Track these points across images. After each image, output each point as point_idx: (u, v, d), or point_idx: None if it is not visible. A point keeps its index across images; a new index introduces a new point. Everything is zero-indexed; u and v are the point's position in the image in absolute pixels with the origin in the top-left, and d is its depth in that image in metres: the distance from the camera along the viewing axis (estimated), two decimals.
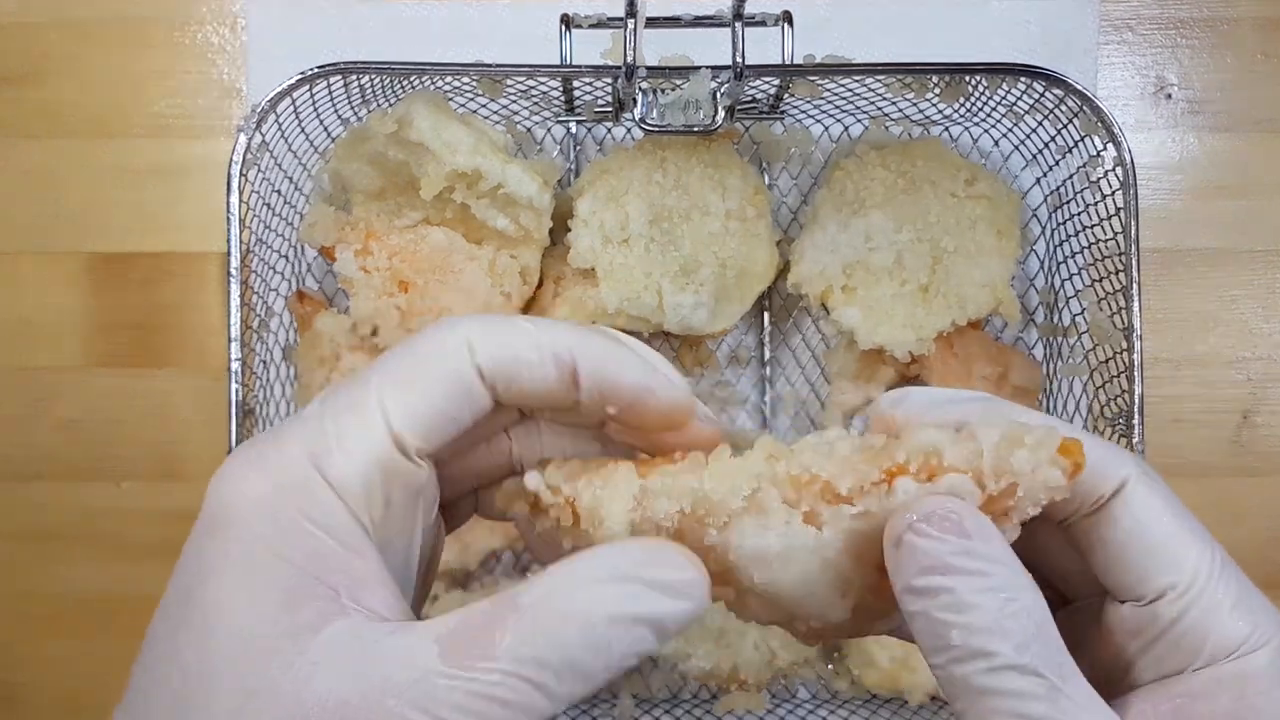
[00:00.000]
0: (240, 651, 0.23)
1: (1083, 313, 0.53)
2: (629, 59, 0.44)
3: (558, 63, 0.47)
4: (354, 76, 0.48)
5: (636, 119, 0.47)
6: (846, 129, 0.57)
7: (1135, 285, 0.48)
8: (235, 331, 0.48)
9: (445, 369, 0.26)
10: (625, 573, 0.24)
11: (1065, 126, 0.51)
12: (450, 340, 0.26)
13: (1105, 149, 0.49)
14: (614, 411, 0.27)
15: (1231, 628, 0.25)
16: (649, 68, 0.46)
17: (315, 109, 0.50)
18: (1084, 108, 0.48)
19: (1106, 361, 0.50)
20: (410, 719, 0.22)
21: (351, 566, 0.24)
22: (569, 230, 0.52)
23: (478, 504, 0.31)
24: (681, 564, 0.25)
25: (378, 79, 0.49)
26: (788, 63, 0.47)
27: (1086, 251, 0.52)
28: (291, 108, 0.49)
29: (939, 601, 0.24)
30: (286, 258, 0.54)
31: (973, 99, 0.52)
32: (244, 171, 0.48)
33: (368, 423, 0.25)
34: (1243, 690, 0.25)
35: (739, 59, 0.45)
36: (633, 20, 0.43)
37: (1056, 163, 0.54)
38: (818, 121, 0.57)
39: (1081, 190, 0.52)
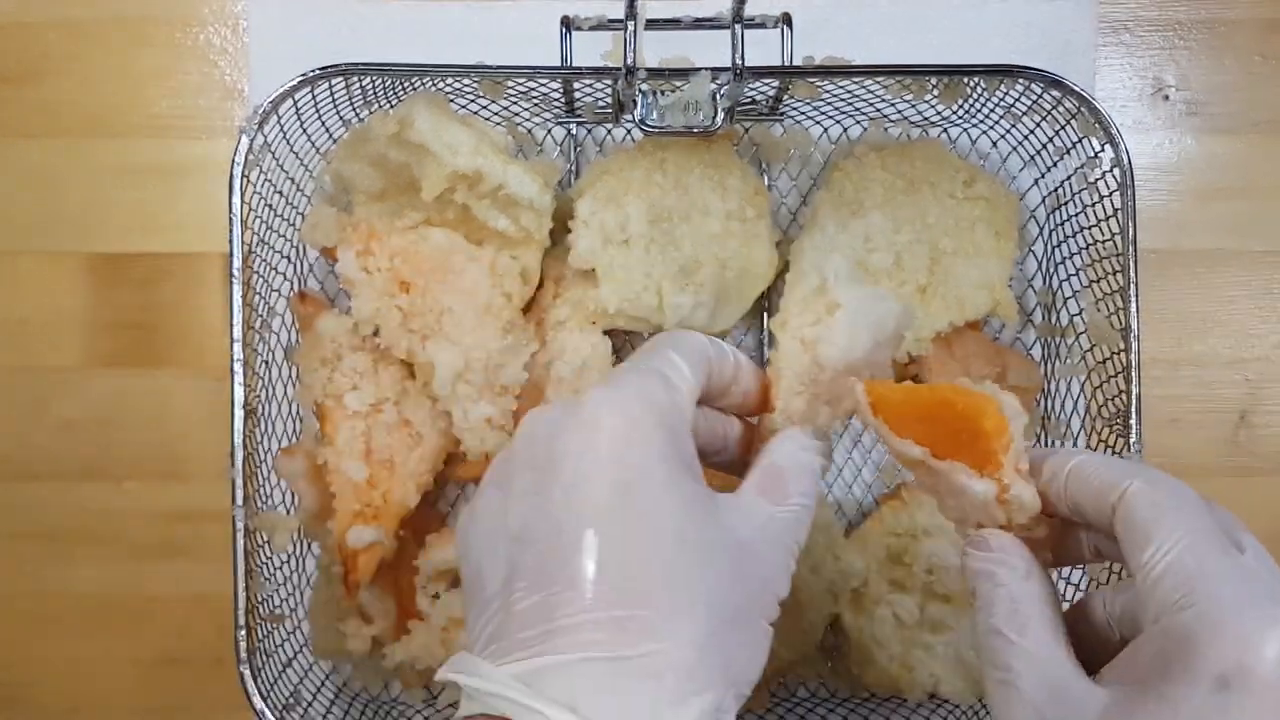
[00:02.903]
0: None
1: (1081, 313, 0.53)
2: (629, 61, 0.44)
3: (558, 64, 0.47)
4: (355, 78, 0.48)
5: (636, 120, 0.48)
6: (845, 130, 0.57)
7: (1133, 286, 0.48)
8: (237, 332, 0.48)
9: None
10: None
11: (1063, 128, 0.51)
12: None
13: (1103, 150, 0.49)
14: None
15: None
16: (649, 69, 0.46)
17: (317, 110, 0.50)
18: (1082, 109, 0.48)
19: (1104, 362, 0.50)
20: (780, 546, 0.35)
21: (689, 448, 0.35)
22: (569, 231, 0.52)
23: None
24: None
25: (379, 80, 0.49)
26: (787, 64, 0.47)
27: (1084, 252, 0.52)
28: (293, 109, 0.49)
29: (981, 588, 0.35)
30: (288, 258, 0.54)
31: (971, 100, 0.52)
32: (246, 172, 0.48)
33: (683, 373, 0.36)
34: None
35: (739, 60, 0.45)
36: (633, 22, 0.43)
37: (1055, 164, 0.54)
38: (817, 123, 0.57)
39: (1079, 191, 0.52)
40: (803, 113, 0.55)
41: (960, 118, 0.55)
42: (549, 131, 0.57)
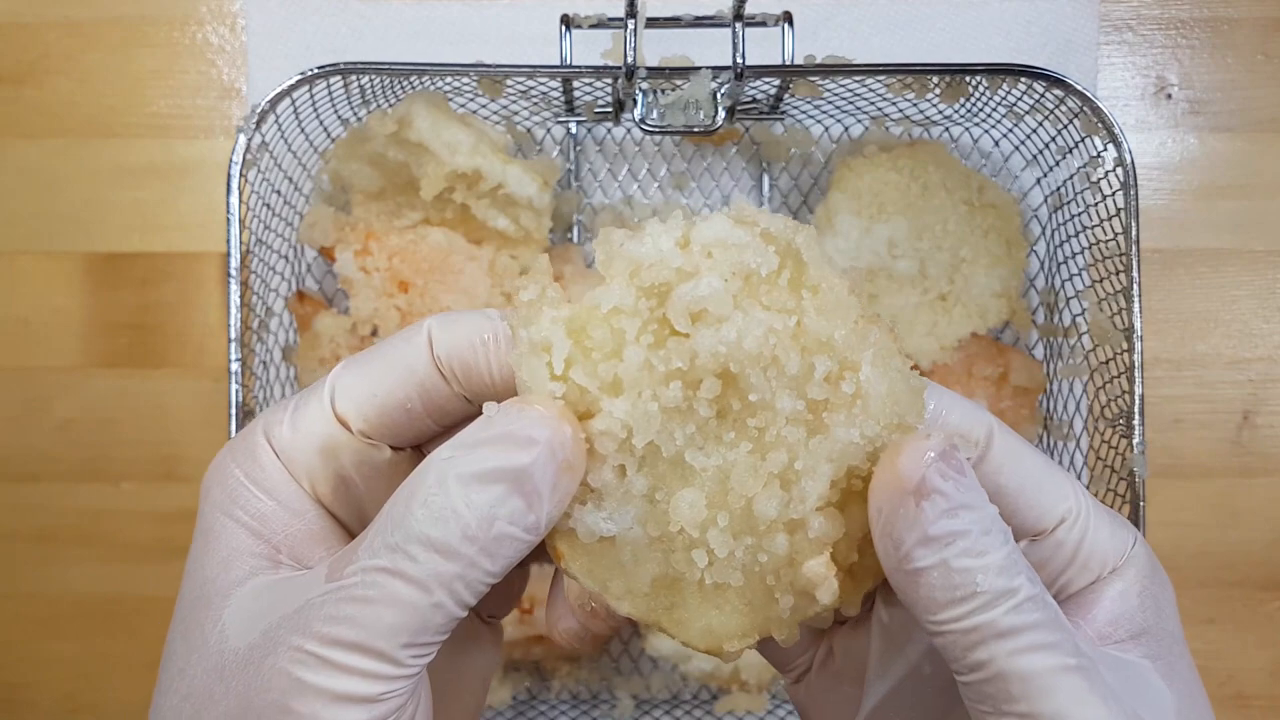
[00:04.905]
0: (188, 611, 0.26)
1: (1083, 313, 0.53)
2: (629, 59, 0.44)
3: (558, 63, 0.47)
4: (354, 77, 0.48)
5: (636, 119, 0.47)
6: (847, 129, 0.57)
7: (1136, 286, 0.48)
8: (235, 332, 0.48)
9: (398, 357, 0.27)
10: (467, 440, 0.24)
11: (1066, 127, 0.51)
12: (412, 332, 0.27)
13: (1106, 149, 0.49)
14: None
15: (1114, 544, 0.27)
16: (649, 68, 0.45)
17: (315, 109, 0.50)
18: (1084, 108, 0.48)
19: (1107, 362, 0.50)
20: (296, 643, 0.23)
21: (291, 526, 0.26)
22: (568, 230, 0.52)
23: None
24: (520, 413, 0.24)
25: (378, 79, 0.49)
26: (788, 63, 0.47)
27: (1087, 252, 0.52)
28: (291, 108, 0.49)
29: (957, 548, 0.23)
30: (286, 258, 0.54)
31: (973, 99, 0.52)
32: (244, 172, 0.48)
33: (316, 402, 0.27)
34: (1129, 598, 0.27)
35: (739, 59, 0.45)
36: (633, 20, 0.43)
37: (1057, 163, 0.54)
38: (818, 122, 0.56)
39: (1082, 191, 0.52)
40: (804, 111, 0.55)
41: (962, 117, 0.55)
42: (548, 130, 0.57)
